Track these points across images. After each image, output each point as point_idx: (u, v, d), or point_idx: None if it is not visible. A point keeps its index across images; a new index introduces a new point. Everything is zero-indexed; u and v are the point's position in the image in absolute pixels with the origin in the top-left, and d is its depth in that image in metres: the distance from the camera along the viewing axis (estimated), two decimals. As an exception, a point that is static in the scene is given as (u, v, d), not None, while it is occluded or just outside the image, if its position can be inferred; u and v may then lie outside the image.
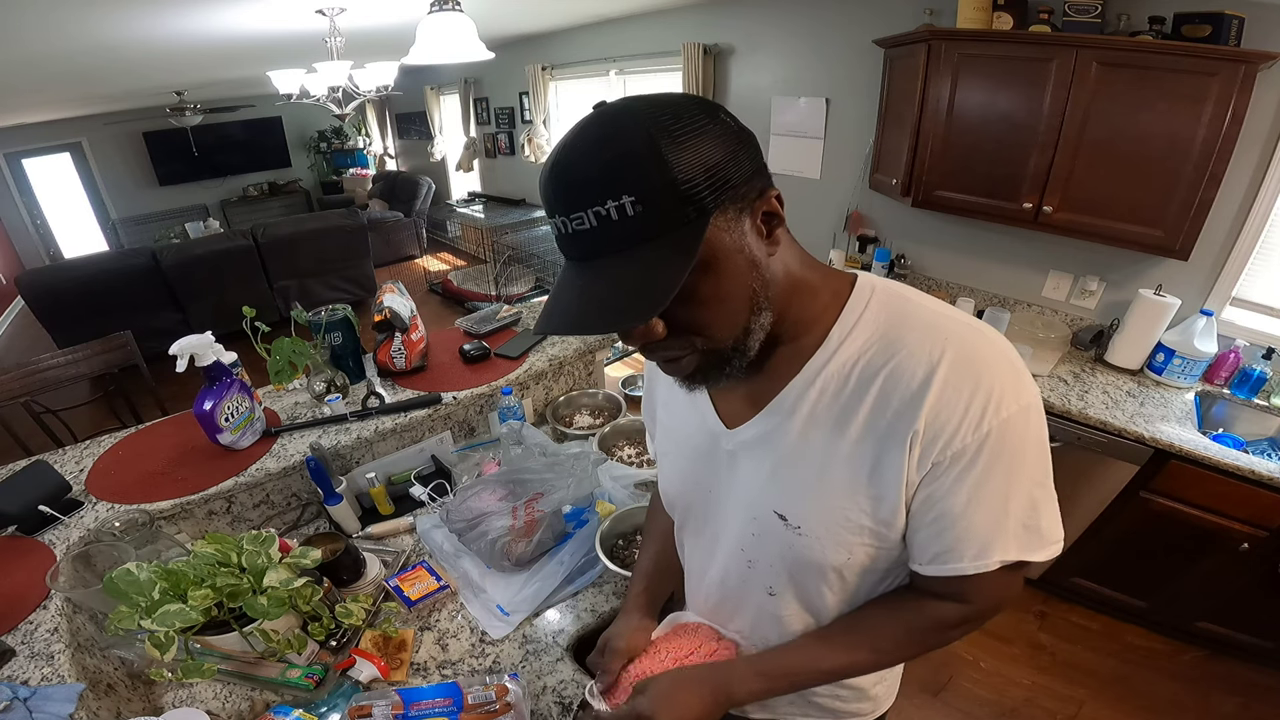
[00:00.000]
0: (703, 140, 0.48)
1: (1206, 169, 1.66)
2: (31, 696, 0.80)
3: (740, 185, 0.50)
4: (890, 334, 0.57)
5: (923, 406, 0.53)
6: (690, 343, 0.55)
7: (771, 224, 0.53)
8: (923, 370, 0.54)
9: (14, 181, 6.54)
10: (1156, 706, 1.85)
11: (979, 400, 0.52)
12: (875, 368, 0.56)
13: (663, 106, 0.49)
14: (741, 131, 0.53)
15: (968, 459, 0.54)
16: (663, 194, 0.46)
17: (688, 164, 0.47)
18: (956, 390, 0.53)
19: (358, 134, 8.53)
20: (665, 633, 0.85)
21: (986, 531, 0.57)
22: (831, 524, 0.61)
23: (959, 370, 0.53)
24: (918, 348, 0.55)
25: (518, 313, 2.03)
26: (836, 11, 2.66)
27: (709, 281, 0.51)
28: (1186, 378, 1.96)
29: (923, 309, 0.58)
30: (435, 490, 1.42)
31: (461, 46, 1.71)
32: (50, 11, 1.85)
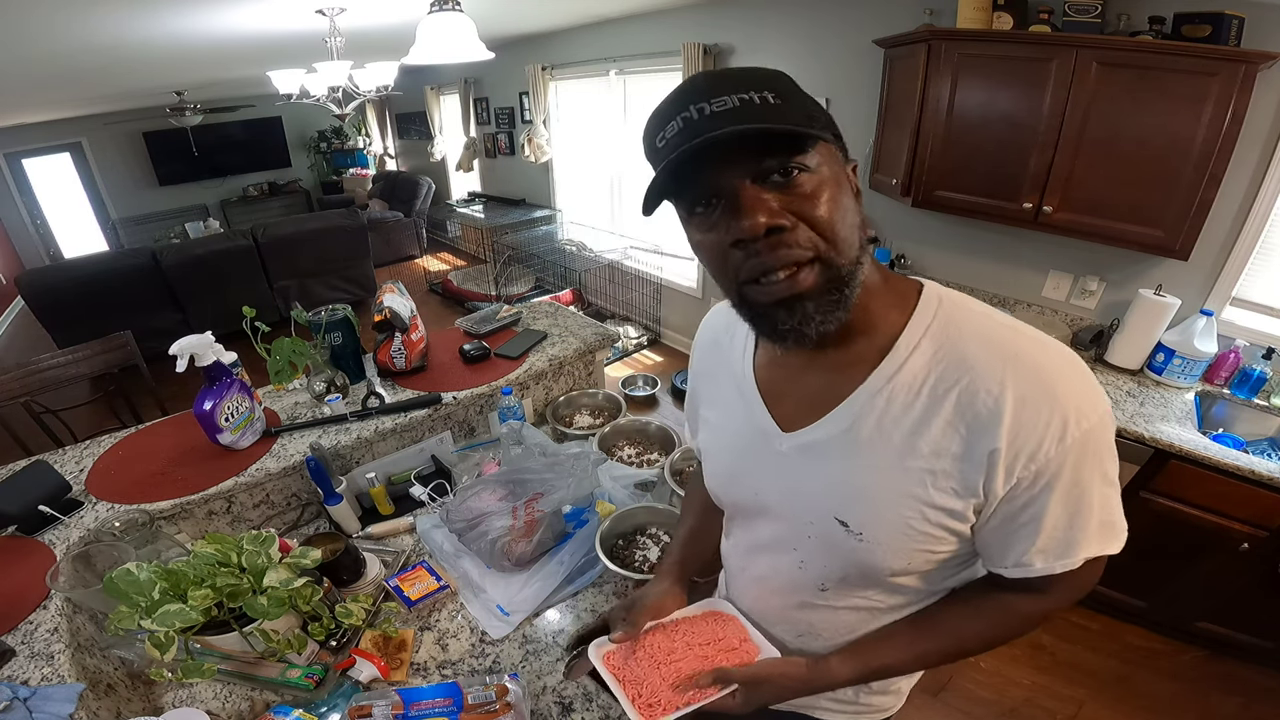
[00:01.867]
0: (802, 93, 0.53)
1: (1206, 169, 1.66)
2: (31, 696, 0.81)
3: (837, 135, 0.55)
4: (960, 349, 0.56)
5: (1001, 426, 0.53)
6: (815, 242, 0.52)
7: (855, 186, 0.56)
8: (997, 389, 0.54)
9: (14, 181, 6.54)
10: (1156, 706, 1.85)
11: (1059, 416, 0.53)
12: (947, 385, 0.56)
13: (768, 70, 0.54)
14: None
15: (1053, 471, 0.54)
16: (797, 101, 0.51)
17: (814, 103, 0.54)
18: (1035, 409, 0.53)
19: (358, 134, 8.53)
20: (694, 614, 0.85)
21: (1071, 534, 0.58)
22: (895, 533, 0.61)
23: (1035, 388, 0.53)
24: (990, 366, 0.54)
25: (518, 313, 2.03)
26: (836, 12, 2.66)
27: (832, 186, 0.52)
28: (1186, 378, 1.96)
29: (990, 323, 0.57)
30: (435, 490, 1.42)
31: (461, 46, 1.71)
32: (51, 12, 1.85)
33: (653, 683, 0.77)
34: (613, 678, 0.80)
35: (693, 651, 0.80)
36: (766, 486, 0.71)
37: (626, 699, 0.77)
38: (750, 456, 0.71)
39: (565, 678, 0.93)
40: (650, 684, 0.77)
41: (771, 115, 0.49)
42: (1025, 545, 0.59)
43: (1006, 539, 0.59)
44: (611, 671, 0.81)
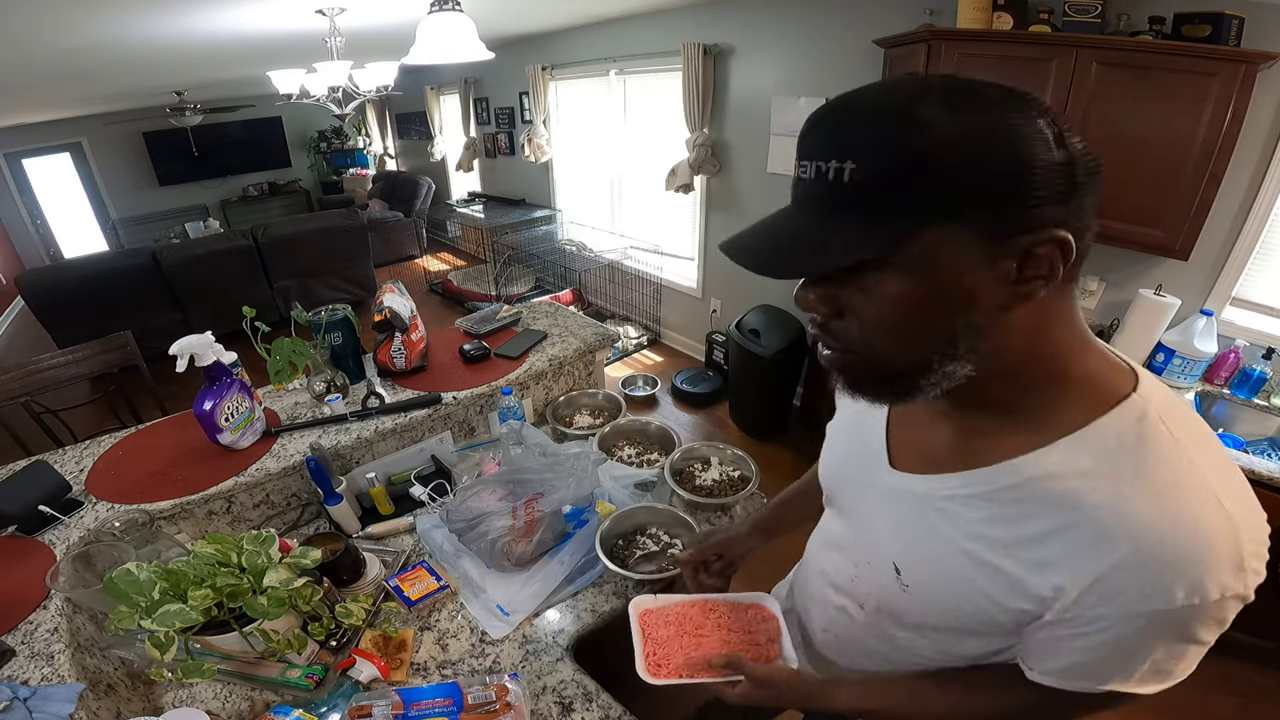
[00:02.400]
0: (988, 141, 0.40)
1: (1206, 169, 1.66)
2: (31, 696, 0.81)
3: (1005, 206, 0.41)
4: (1118, 478, 0.47)
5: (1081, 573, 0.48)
6: (847, 339, 0.49)
7: (1034, 271, 0.43)
8: (1159, 538, 0.46)
9: (14, 181, 6.53)
10: (1156, 706, 1.83)
11: (1170, 588, 0.46)
12: (1066, 497, 0.49)
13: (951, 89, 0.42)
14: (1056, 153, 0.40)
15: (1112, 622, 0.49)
16: (893, 174, 0.41)
17: (949, 157, 0.40)
18: (1156, 575, 0.46)
19: (358, 134, 8.53)
20: (740, 601, 0.91)
21: (1108, 669, 0.54)
22: (938, 599, 0.61)
23: (1173, 562, 0.45)
24: (1165, 521, 0.45)
25: (518, 313, 2.03)
26: (836, 11, 2.66)
27: (894, 289, 0.44)
28: (1186, 378, 1.96)
29: (1212, 475, 0.47)
30: (435, 490, 1.42)
31: (461, 46, 1.71)
32: (51, 12, 1.85)
33: (671, 648, 0.84)
34: (640, 631, 0.87)
35: (719, 633, 0.86)
36: (858, 502, 0.72)
37: (642, 653, 0.85)
38: (857, 466, 0.70)
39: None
40: (668, 648, 0.84)
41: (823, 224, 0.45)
42: (1054, 663, 0.55)
43: (1042, 646, 0.56)
44: (643, 626, 0.88)
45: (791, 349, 2.93)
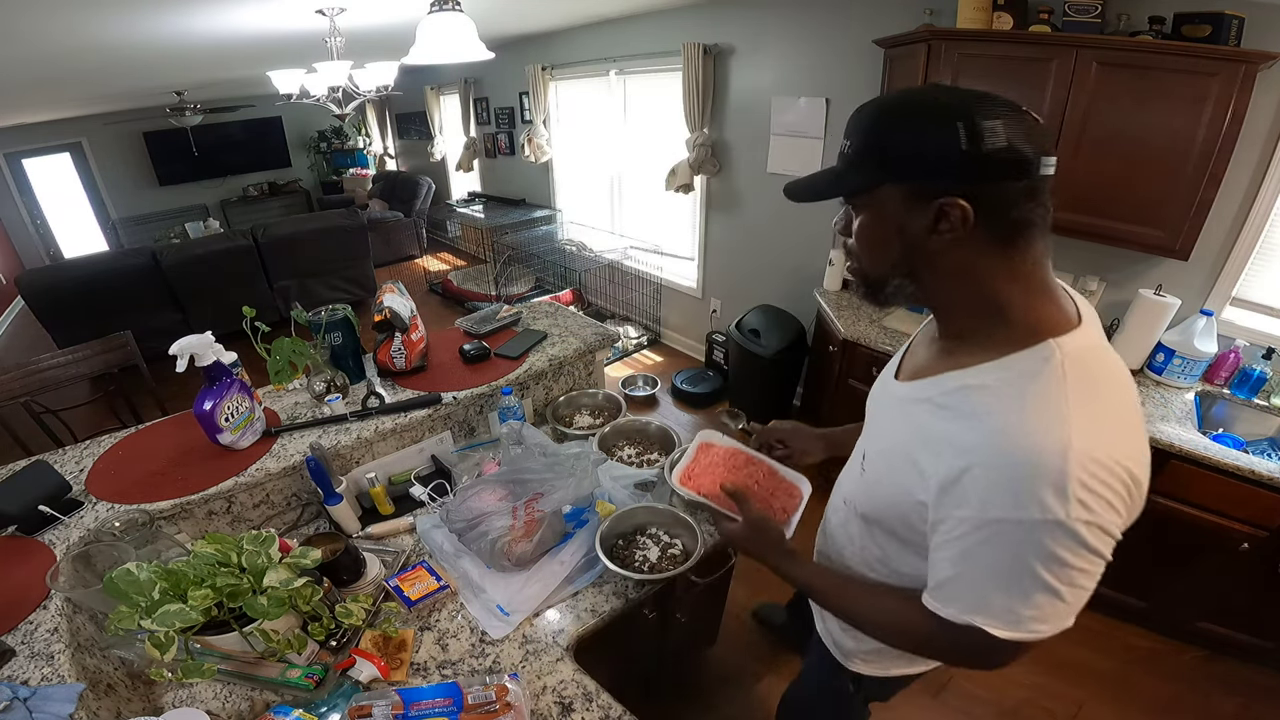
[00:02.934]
0: (909, 132, 0.61)
1: (1206, 169, 1.66)
2: (31, 696, 0.81)
3: (924, 178, 0.61)
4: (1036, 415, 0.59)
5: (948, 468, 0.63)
6: (853, 259, 0.72)
7: (946, 224, 0.62)
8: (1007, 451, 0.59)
9: (14, 181, 6.53)
10: (1156, 706, 1.85)
11: (992, 501, 0.60)
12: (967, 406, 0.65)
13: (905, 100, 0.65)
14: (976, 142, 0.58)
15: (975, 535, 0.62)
16: (870, 149, 0.64)
17: (876, 141, 0.63)
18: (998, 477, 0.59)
19: (358, 134, 8.53)
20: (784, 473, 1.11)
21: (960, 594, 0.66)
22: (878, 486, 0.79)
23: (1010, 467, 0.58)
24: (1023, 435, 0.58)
25: (518, 313, 2.03)
26: (836, 11, 2.66)
27: (865, 221, 0.67)
28: (1186, 378, 1.96)
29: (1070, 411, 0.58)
30: (435, 490, 1.42)
31: (461, 46, 1.71)
32: (51, 12, 1.85)
33: (707, 474, 1.05)
34: (693, 453, 1.12)
35: (749, 483, 1.03)
36: (874, 411, 0.88)
37: (683, 468, 1.08)
38: (882, 383, 0.88)
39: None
40: (705, 473, 1.05)
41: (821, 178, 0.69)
42: (932, 582, 0.69)
43: (929, 566, 0.69)
44: (697, 452, 1.11)
45: (791, 349, 2.93)
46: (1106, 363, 0.65)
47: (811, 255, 3.10)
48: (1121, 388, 0.64)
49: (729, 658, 2.02)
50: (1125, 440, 0.59)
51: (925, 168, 0.60)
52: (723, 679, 1.95)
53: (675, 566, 1.24)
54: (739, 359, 3.13)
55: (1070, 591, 0.62)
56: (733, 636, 2.08)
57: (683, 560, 1.26)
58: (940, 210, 0.60)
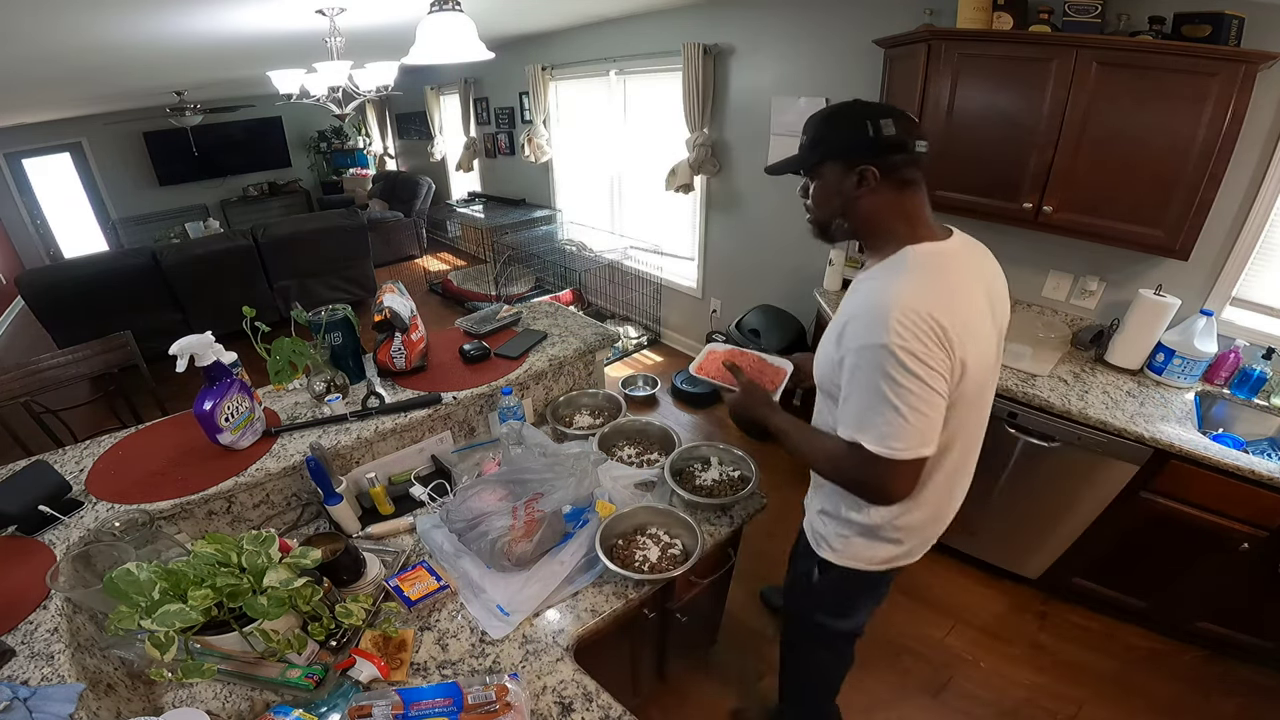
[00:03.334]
0: (839, 127, 0.98)
1: (1206, 169, 1.66)
2: (31, 696, 0.81)
3: (847, 156, 0.97)
4: (870, 281, 0.99)
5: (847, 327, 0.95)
6: (811, 212, 1.07)
7: (864, 182, 0.96)
8: (857, 309, 0.94)
9: (14, 181, 6.53)
10: (1156, 706, 1.85)
11: (855, 333, 0.93)
12: (857, 295, 1.00)
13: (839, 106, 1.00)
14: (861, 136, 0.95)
15: (850, 364, 0.93)
16: (816, 138, 1.01)
17: (820, 135, 1.00)
18: (857, 326, 0.93)
19: (358, 134, 8.53)
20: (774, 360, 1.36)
21: (849, 411, 0.94)
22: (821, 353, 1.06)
23: (861, 319, 0.93)
24: (863, 298, 0.96)
25: (518, 313, 2.03)
26: (836, 11, 2.66)
27: (817, 186, 1.03)
28: (1186, 378, 1.96)
29: (882, 282, 0.95)
30: (435, 490, 1.42)
31: (461, 46, 1.71)
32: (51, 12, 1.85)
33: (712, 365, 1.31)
34: (705, 354, 1.37)
35: (742, 363, 1.31)
36: None
37: (697, 364, 1.34)
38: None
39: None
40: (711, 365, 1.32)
41: (786, 159, 1.06)
42: (840, 409, 0.98)
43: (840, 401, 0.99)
44: (706, 356, 1.36)
45: (791, 349, 2.93)
46: (948, 262, 0.98)
47: (811, 255, 3.10)
48: (955, 276, 0.97)
49: (729, 658, 2.02)
50: (936, 301, 0.90)
51: (850, 147, 0.96)
52: (723, 679, 1.96)
53: (675, 566, 1.24)
54: (739, 359, 3.12)
55: (908, 410, 0.88)
56: (733, 636, 2.08)
57: (683, 560, 1.27)
58: (861, 174, 0.96)
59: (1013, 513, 2.13)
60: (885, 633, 2.11)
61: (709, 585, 1.47)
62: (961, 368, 0.91)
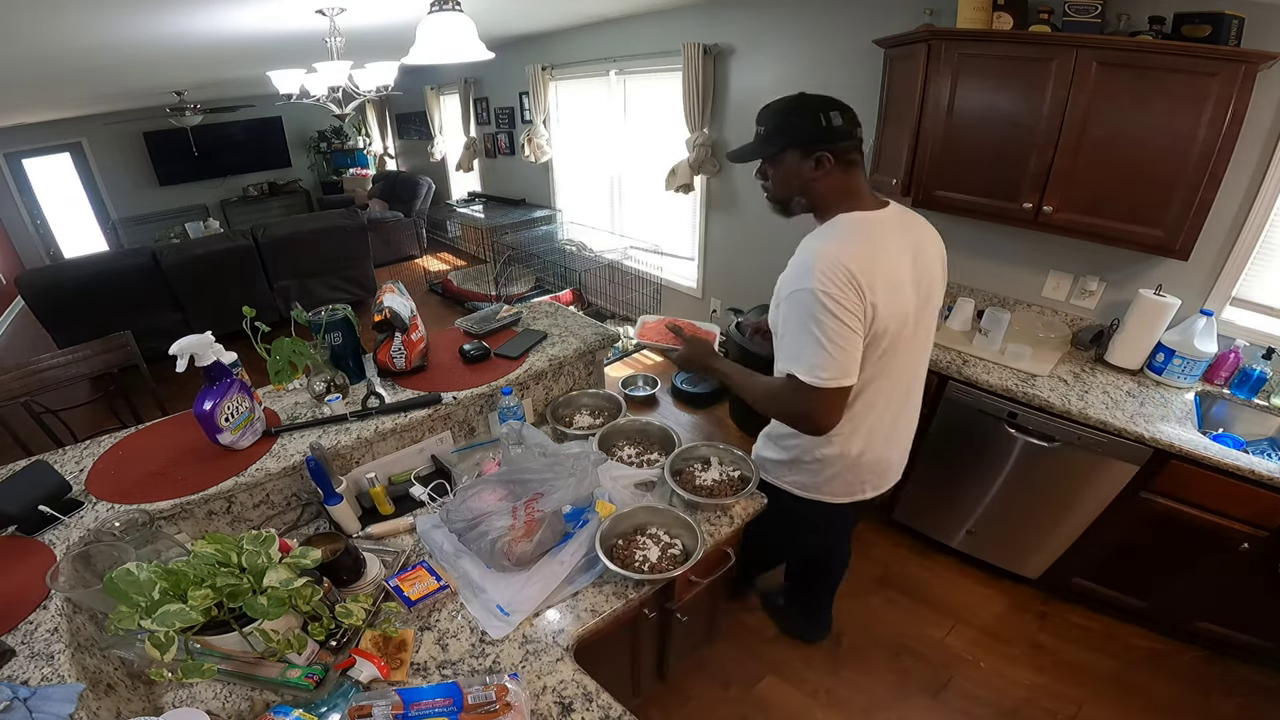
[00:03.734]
0: (796, 119, 1.16)
1: (1206, 169, 1.66)
2: (31, 696, 0.81)
3: (805, 145, 1.14)
4: (803, 244, 1.18)
5: (782, 280, 1.16)
6: (770, 192, 1.25)
7: (820, 165, 1.15)
8: (790, 265, 1.16)
9: (14, 181, 6.53)
10: (1156, 706, 1.85)
11: (782, 284, 1.15)
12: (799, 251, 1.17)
13: (793, 100, 1.19)
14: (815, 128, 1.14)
15: (779, 309, 1.15)
16: (770, 129, 1.18)
17: (779, 127, 1.17)
18: (784, 278, 1.15)
19: (358, 134, 8.53)
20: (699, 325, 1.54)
21: (782, 347, 1.16)
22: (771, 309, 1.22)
23: (788, 272, 1.15)
24: (795, 257, 1.16)
25: (518, 313, 2.03)
26: (836, 11, 2.66)
27: (777, 171, 1.20)
28: (1186, 378, 1.96)
29: (816, 241, 1.16)
30: (435, 490, 1.42)
31: (461, 46, 1.71)
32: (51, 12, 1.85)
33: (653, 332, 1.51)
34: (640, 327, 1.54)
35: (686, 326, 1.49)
36: None
37: (637, 332, 1.54)
38: None
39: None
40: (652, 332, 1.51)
41: (747, 148, 1.22)
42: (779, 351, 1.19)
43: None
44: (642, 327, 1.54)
45: (791, 349, 2.94)
46: (873, 226, 1.16)
47: (811, 255, 3.10)
48: (876, 237, 1.14)
49: (729, 658, 2.02)
50: (852, 255, 1.08)
51: (808, 137, 1.14)
52: (723, 679, 1.96)
53: (675, 566, 1.24)
54: (739, 359, 3.12)
55: (829, 344, 1.06)
56: (733, 636, 2.08)
57: (683, 560, 1.27)
58: (818, 159, 1.14)
59: (1013, 513, 2.13)
60: (885, 633, 2.11)
61: (709, 585, 1.47)
62: (873, 310, 1.09)
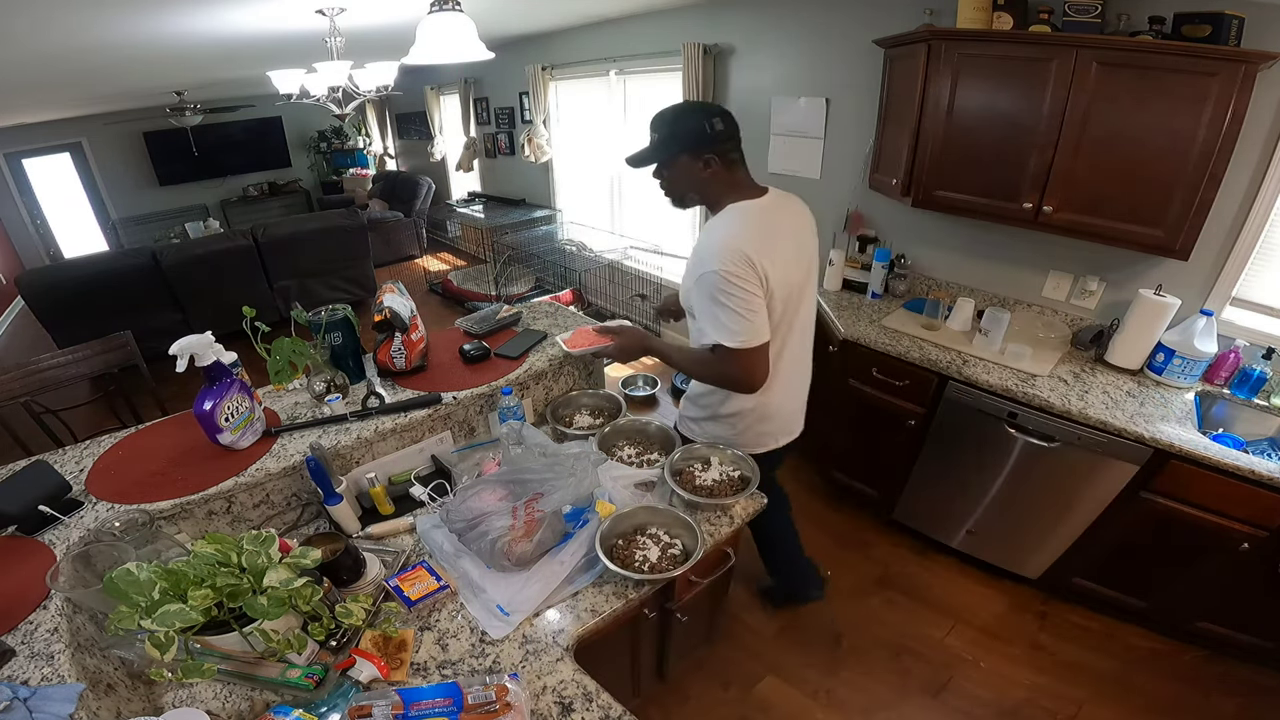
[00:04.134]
0: (685, 127, 1.33)
1: (1206, 169, 1.66)
2: (31, 696, 0.81)
3: (694, 149, 1.32)
4: (707, 229, 1.38)
5: (692, 263, 1.35)
6: (668, 190, 1.42)
7: (708, 166, 1.33)
8: (699, 249, 1.35)
9: (14, 181, 6.53)
10: (1156, 706, 1.85)
11: (695, 264, 1.33)
12: (701, 240, 1.38)
13: (676, 112, 1.36)
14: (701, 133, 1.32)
15: (695, 289, 1.32)
16: (663, 136, 1.35)
17: (672, 134, 1.34)
18: (696, 260, 1.33)
19: (358, 134, 8.53)
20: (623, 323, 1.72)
21: (704, 323, 1.32)
22: (684, 287, 1.41)
23: (698, 254, 1.33)
24: (702, 241, 1.36)
25: (518, 313, 2.03)
26: (836, 11, 2.66)
27: (672, 173, 1.38)
28: (1186, 378, 1.96)
29: (717, 227, 1.36)
30: (435, 490, 1.42)
31: (461, 46, 1.71)
32: (51, 12, 1.85)
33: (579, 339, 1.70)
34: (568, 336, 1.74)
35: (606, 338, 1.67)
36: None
37: (564, 340, 1.72)
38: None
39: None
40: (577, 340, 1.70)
41: (644, 153, 1.39)
42: (697, 325, 1.38)
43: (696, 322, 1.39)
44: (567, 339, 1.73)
45: (791, 349, 2.93)
46: (757, 212, 1.36)
47: (811, 255, 3.10)
48: (762, 221, 1.35)
49: (729, 658, 2.02)
50: (744, 237, 1.29)
51: (698, 142, 1.32)
52: (723, 679, 1.96)
53: (675, 566, 1.24)
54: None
55: (741, 312, 1.27)
56: (733, 636, 2.08)
57: (683, 560, 1.26)
58: (706, 161, 1.32)
59: (1013, 513, 2.13)
60: (885, 633, 2.11)
61: (709, 585, 1.47)
62: (767, 282, 1.30)
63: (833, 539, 2.52)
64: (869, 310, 2.57)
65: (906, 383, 2.21)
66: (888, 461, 2.40)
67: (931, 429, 2.20)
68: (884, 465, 2.43)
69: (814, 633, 2.12)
